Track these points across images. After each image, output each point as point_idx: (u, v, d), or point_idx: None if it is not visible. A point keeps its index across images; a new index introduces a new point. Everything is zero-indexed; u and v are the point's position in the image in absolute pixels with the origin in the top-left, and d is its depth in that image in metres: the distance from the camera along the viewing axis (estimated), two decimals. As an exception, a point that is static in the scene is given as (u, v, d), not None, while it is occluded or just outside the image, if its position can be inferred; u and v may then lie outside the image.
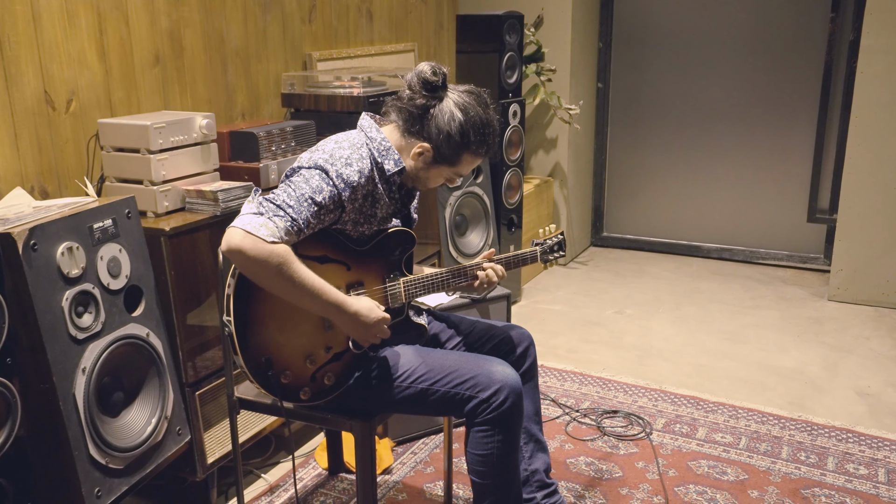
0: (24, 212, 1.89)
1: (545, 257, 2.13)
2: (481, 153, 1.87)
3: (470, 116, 1.82)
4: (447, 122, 1.80)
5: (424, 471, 2.54)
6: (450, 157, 1.84)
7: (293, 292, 1.69)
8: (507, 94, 3.79)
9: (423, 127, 1.82)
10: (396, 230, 1.90)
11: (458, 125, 1.80)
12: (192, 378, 2.23)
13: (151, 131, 2.16)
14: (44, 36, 2.21)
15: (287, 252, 1.64)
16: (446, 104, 1.82)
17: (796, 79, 4.43)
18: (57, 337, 1.80)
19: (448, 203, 3.48)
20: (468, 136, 1.81)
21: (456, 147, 1.82)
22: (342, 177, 1.74)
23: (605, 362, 3.37)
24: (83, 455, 1.84)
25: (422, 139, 1.83)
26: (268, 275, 1.64)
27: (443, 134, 1.81)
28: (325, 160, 1.75)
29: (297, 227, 1.67)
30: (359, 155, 1.79)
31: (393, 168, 1.84)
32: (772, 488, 2.42)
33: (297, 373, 1.81)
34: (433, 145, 1.82)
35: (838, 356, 3.42)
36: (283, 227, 1.65)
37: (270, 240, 1.62)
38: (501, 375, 1.79)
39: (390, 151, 1.84)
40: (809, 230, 4.56)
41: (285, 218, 1.66)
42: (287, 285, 1.67)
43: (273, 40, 3.10)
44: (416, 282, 1.91)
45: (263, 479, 2.51)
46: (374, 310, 1.78)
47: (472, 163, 1.89)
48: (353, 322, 1.76)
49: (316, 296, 1.70)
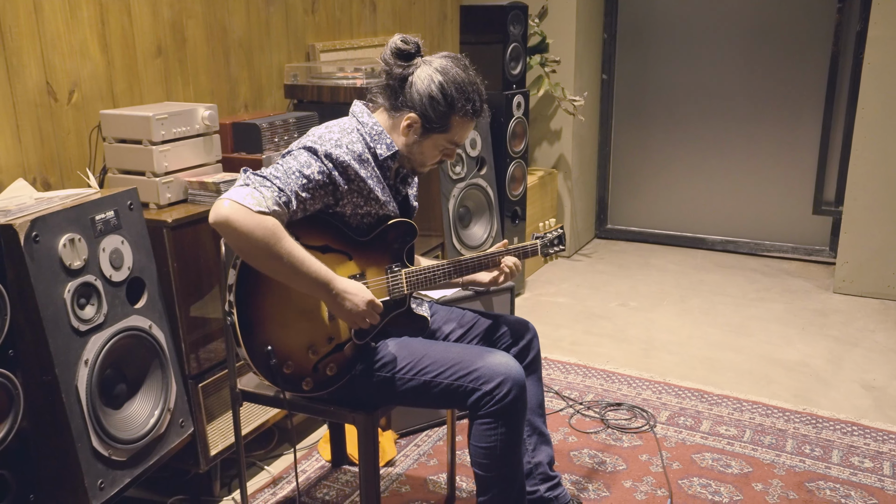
0: (26, 203, 1.88)
1: (545, 251, 2.12)
2: (469, 114, 1.83)
3: (449, 76, 1.80)
4: (427, 86, 1.79)
5: (427, 463, 2.54)
6: (438, 123, 1.81)
7: (281, 268, 1.66)
8: (511, 86, 3.77)
9: (406, 97, 1.81)
10: (398, 221, 1.89)
11: (439, 86, 1.79)
12: (194, 370, 2.23)
13: (153, 122, 2.15)
14: (46, 27, 2.20)
15: (276, 225, 1.63)
16: (424, 70, 1.81)
17: (802, 70, 4.40)
18: (59, 329, 1.80)
19: (451, 195, 3.47)
20: (451, 96, 1.79)
21: (442, 110, 1.80)
22: (331, 156, 1.73)
23: (609, 355, 3.37)
24: (86, 447, 1.84)
25: (407, 110, 1.81)
26: (255, 247, 1.62)
27: (425, 98, 1.79)
28: (313, 142, 1.75)
29: (285, 199, 1.66)
30: (349, 139, 1.79)
31: (385, 152, 1.83)
32: (776, 481, 2.41)
33: (299, 363, 1.81)
34: (419, 113, 1.81)
35: (843, 349, 3.41)
36: (270, 197, 1.63)
37: (257, 209, 1.61)
38: (505, 368, 1.79)
39: (382, 136, 1.84)
40: (815, 222, 4.54)
41: (272, 188, 1.65)
42: (273, 259, 1.64)
43: (276, 31, 3.09)
44: (419, 273, 1.91)
45: (266, 471, 2.51)
46: (363, 292, 1.76)
47: (462, 126, 1.85)
48: (340, 303, 1.74)
49: (303, 272, 1.67)
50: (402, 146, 1.86)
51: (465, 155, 3.53)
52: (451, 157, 1.92)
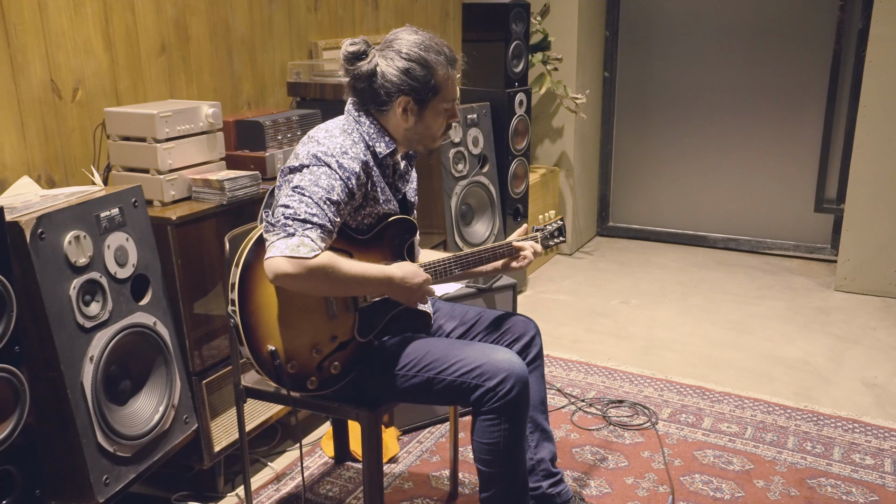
0: (32, 200, 1.89)
1: (546, 243, 2.13)
2: (445, 64, 1.82)
3: (408, 44, 1.80)
4: (395, 64, 1.79)
5: (430, 459, 2.55)
6: (427, 88, 1.81)
7: (344, 289, 1.76)
8: (513, 84, 3.78)
9: (384, 88, 1.80)
10: (397, 218, 1.90)
11: (406, 57, 1.79)
12: (198, 367, 2.23)
13: (157, 120, 2.16)
14: (50, 24, 2.21)
15: (329, 259, 1.67)
16: (383, 55, 1.81)
17: (804, 68, 4.40)
18: (64, 325, 1.81)
19: (454, 192, 3.47)
20: (422, 58, 1.79)
21: (422, 74, 1.79)
22: (343, 167, 1.74)
23: (611, 352, 3.37)
24: (91, 443, 1.85)
25: (393, 98, 1.81)
26: (319, 284, 1.68)
27: (402, 75, 1.79)
28: (323, 153, 1.74)
29: (327, 231, 1.69)
30: (352, 141, 1.80)
31: (385, 150, 1.85)
32: (777, 478, 2.42)
33: (303, 363, 1.82)
34: (405, 91, 1.80)
35: (845, 346, 3.41)
36: (317, 237, 1.66)
37: (313, 255, 1.64)
38: (508, 364, 1.80)
39: (381, 133, 1.86)
40: (816, 220, 4.54)
41: (314, 228, 1.67)
42: (337, 286, 1.72)
43: (278, 29, 3.09)
44: (424, 269, 1.92)
45: (270, 467, 2.52)
46: (419, 272, 1.83)
47: (448, 80, 1.84)
48: (404, 289, 1.80)
49: (364, 282, 1.75)
50: (405, 132, 1.86)
51: (468, 153, 3.54)
52: (456, 117, 1.91)
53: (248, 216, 2.28)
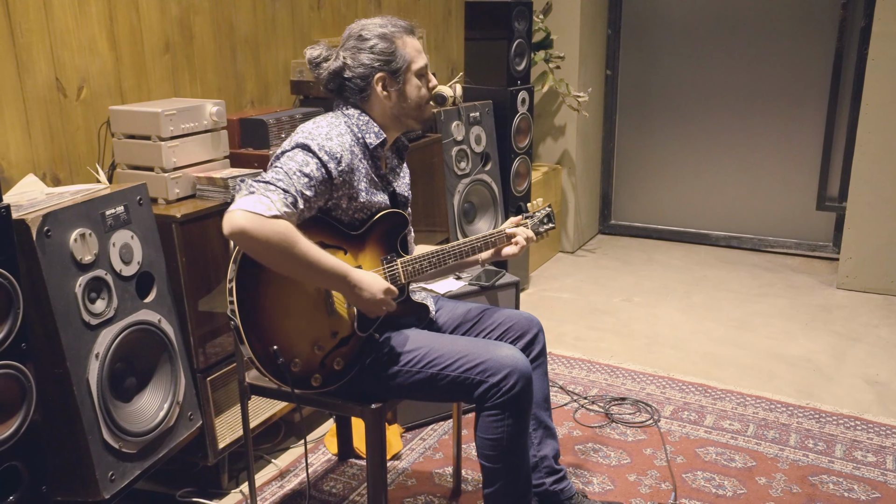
0: (37, 198, 1.90)
1: (537, 229, 2.15)
2: (403, 32, 1.89)
3: (362, 27, 1.88)
4: (359, 49, 1.85)
5: (433, 457, 2.56)
6: (395, 57, 1.86)
7: (296, 267, 1.69)
8: (515, 82, 3.78)
9: (357, 76, 1.85)
10: (388, 212, 1.92)
11: (365, 38, 1.85)
12: (203, 364, 2.24)
13: (162, 118, 2.16)
14: (55, 23, 2.22)
15: (289, 227, 1.65)
16: (344, 48, 1.88)
17: (806, 66, 4.40)
18: (70, 322, 1.82)
19: (456, 190, 3.48)
20: (380, 33, 1.86)
21: (385, 47, 1.85)
22: (324, 149, 1.76)
23: (613, 350, 3.38)
24: (97, 439, 1.86)
25: (369, 81, 1.86)
26: (272, 252, 1.64)
27: (369, 54, 1.84)
28: (304, 138, 1.78)
29: (291, 199, 1.68)
30: (338, 131, 1.82)
31: (375, 140, 1.88)
32: (779, 475, 2.43)
33: (306, 360, 1.82)
34: (377, 68, 1.85)
35: (847, 344, 3.42)
36: (278, 200, 1.65)
37: (270, 214, 1.62)
38: (511, 360, 1.80)
39: (369, 124, 1.88)
40: (818, 218, 4.54)
41: (277, 191, 1.67)
42: (291, 260, 1.67)
43: (282, 27, 3.10)
44: (414, 261, 1.93)
45: (274, 464, 2.54)
46: (379, 281, 1.79)
47: (412, 47, 1.89)
48: (358, 294, 1.77)
49: (320, 268, 1.70)
50: (391, 109, 1.89)
51: (470, 151, 3.54)
52: (434, 83, 1.96)
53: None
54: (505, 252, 2.07)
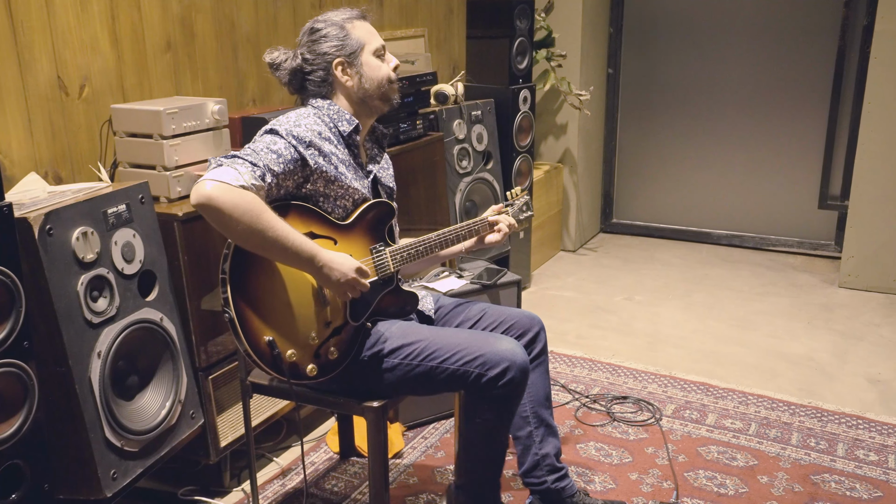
0: (39, 197, 1.90)
1: (517, 216, 2.18)
2: (354, 17, 1.93)
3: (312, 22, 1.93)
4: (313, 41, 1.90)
5: (435, 455, 2.56)
6: (349, 42, 1.89)
7: (265, 242, 1.69)
8: (517, 80, 3.78)
9: (316, 67, 1.90)
10: (374, 202, 1.94)
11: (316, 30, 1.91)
12: (204, 362, 2.24)
13: (164, 117, 2.16)
14: (57, 21, 2.21)
15: (255, 198, 1.67)
16: (299, 47, 1.93)
17: (808, 64, 4.40)
18: (72, 321, 1.82)
19: (458, 189, 3.48)
20: (330, 22, 1.91)
21: (337, 33, 1.89)
22: (292, 133, 1.79)
23: (615, 348, 3.38)
24: (99, 437, 1.86)
25: (329, 70, 1.90)
26: (239, 221, 1.64)
27: (323, 44, 1.89)
28: (272, 125, 1.82)
29: (259, 172, 1.70)
30: (307, 121, 1.85)
31: (348, 127, 1.91)
32: (781, 474, 2.43)
33: (301, 351, 1.82)
34: (333, 54, 1.89)
35: (849, 343, 3.41)
36: (246, 172, 1.67)
37: (236, 184, 1.64)
38: (510, 354, 1.82)
39: (340, 113, 1.92)
40: (820, 217, 4.54)
41: (245, 163, 1.69)
42: (259, 234, 1.67)
43: (284, 26, 3.10)
44: (402, 250, 1.95)
45: (275, 462, 2.54)
46: (349, 260, 1.80)
47: (362, 29, 1.93)
48: (326, 273, 1.77)
49: (288, 245, 1.71)
50: (357, 92, 1.92)
51: (472, 149, 3.54)
52: (391, 60, 1.98)
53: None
54: (488, 239, 2.10)
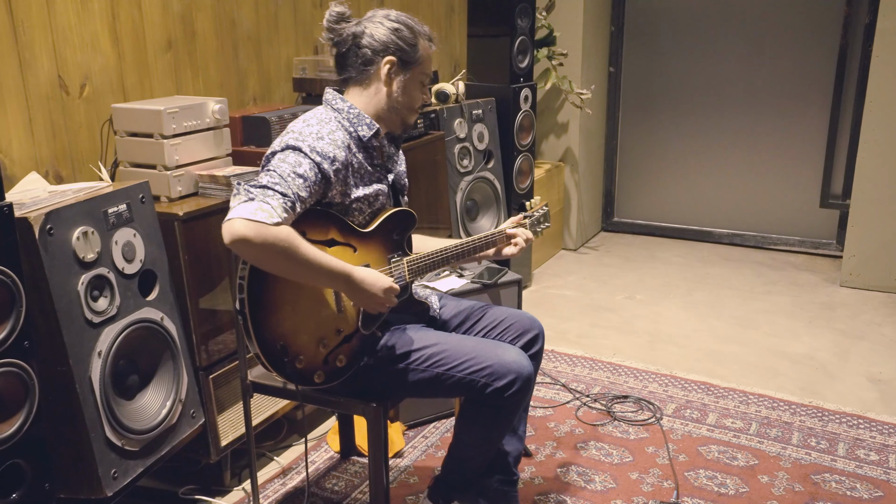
0: (40, 196, 1.90)
1: (535, 228, 2.17)
2: (428, 38, 1.90)
3: (393, 13, 1.88)
4: (386, 27, 1.84)
5: (435, 454, 2.56)
6: (411, 52, 1.86)
7: (301, 271, 1.69)
8: (518, 79, 3.77)
9: (369, 49, 1.84)
10: (397, 211, 1.92)
11: (396, 20, 1.86)
12: (205, 362, 2.24)
13: (165, 116, 2.16)
14: (57, 20, 2.21)
15: (290, 233, 1.64)
16: (370, 19, 1.87)
17: (810, 63, 4.39)
18: (73, 320, 1.82)
19: (459, 188, 3.48)
20: (409, 25, 1.87)
21: (409, 37, 1.85)
22: (316, 150, 1.74)
23: (616, 347, 3.38)
24: (99, 437, 1.86)
25: (378, 59, 1.84)
26: (275, 259, 1.64)
27: (392, 34, 1.84)
28: (294, 139, 1.75)
29: (290, 203, 1.66)
30: (329, 129, 1.80)
31: (368, 133, 1.86)
32: (782, 473, 2.43)
33: (310, 357, 1.82)
34: (391, 52, 1.84)
35: (850, 342, 3.41)
36: (278, 206, 1.63)
37: (272, 221, 1.61)
38: (517, 365, 1.82)
39: (360, 117, 1.87)
40: (822, 215, 4.53)
41: (276, 196, 1.64)
42: (294, 265, 1.66)
43: (284, 24, 3.09)
44: (419, 261, 1.94)
45: (276, 461, 2.54)
46: (381, 279, 1.79)
47: (428, 53, 1.90)
48: (361, 292, 1.77)
49: (323, 271, 1.70)
50: (387, 102, 1.88)
51: (473, 148, 3.54)
52: (428, 97, 1.96)
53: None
54: (505, 252, 2.08)
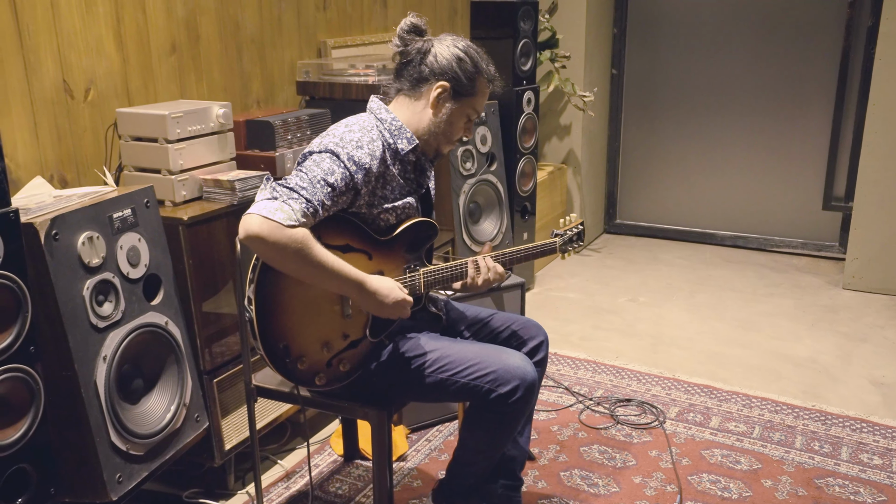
0: (45, 201, 1.91)
1: (564, 248, 2.13)
2: (490, 77, 1.89)
3: (467, 44, 1.86)
4: (453, 51, 1.84)
5: (439, 458, 2.56)
6: (468, 85, 1.84)
7: (313, 274, 1.69)
8: (521, 82, 3.77)
9: (430, 68, 1.83)
10: (419, 221, 1.90)
11: (464, 49, 1.85)
12: (209, 365, 2.25)
13: (169, 121, 2.17)
14: (62, 24, 2.22)
15: (305, 236, 1.64)
16: (442, 41, 1.86)
17: (813, 65, 4.39)
18: (78, 325, 1.82)
19: (462, 191, 3.48)
20: (475, 58, 1.85)
21: (470, 70, 1.84)
22: (353, 159, 1.74)
23: (619, 350, 3.38)
24: (104, 441, 1.87)
25: (434, 80, 1.84)
26: (287, 259, 1.64)
27: (454, 62, 1.83)
28: (335, 144, 1.75)
29: (312, 209, 1.66)
30: (369, 137, 1.79)
31: (406, 147, 1.85)
32: (785, 478, 2.43)
33: (313, 359, 1.83)
34: (448, 78, 1.83)
35: (853, 345, 3.41)
36: (298, 210, 1.64)
37: (288, 223, 1.61)
38: (521, 371, 1.82)
39: (402, 130, 1.85)
40: (824, 218, 4.53)
41: (300, 200, 1.65)
42: (307, 268, 1.67)
43: (288, 27, 3.10)
44: (435, 272, 1.92)
45: (280, 465, 2.54)
46: (395, 290, 1.78)
47: (483, 92, 1.89)
48: (373, 301, 1.77)
49: (336, 276, 1.71)
50: (429, 124, 1.86)
51: (476, 151, 3.54)
52: (470, 133, 1.95)
53: (258, 216, 2.28)
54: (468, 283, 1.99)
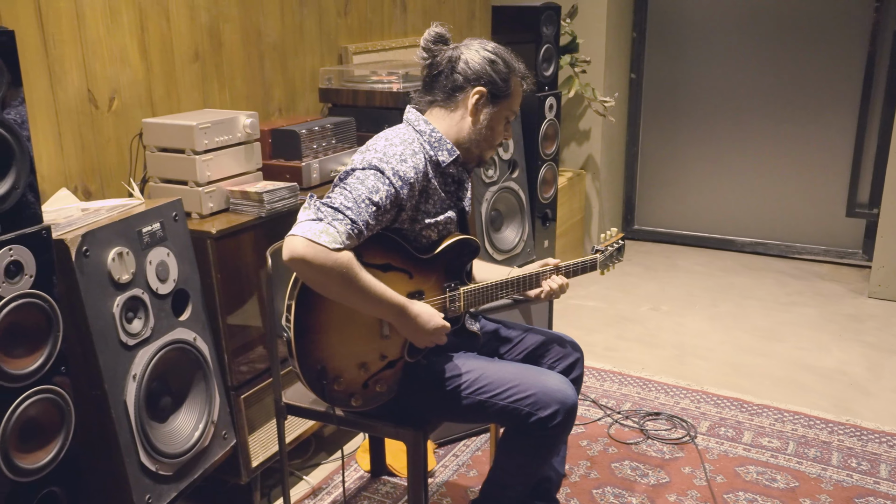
0: (74, 216, 1.86)
1: (605, 263, 2.09)
2: (522, 76, 1.85)
3: (495, 45, 1.83)
4: (483, 55, 1.80)
5: (467, 474, 2.51)
6: (504, 87, 1.81)
7: (354, 298, 1.65)
8: (543, 88, 3.72)
9: (463, 76, 1.79)
10: (461, 239, 1.85)
11: (493, 51, 1.81)
12: (236, 381, 2.20)
13: (197, 132, 2.12)
14: (87, 34, 2.17)
15: (350, 260, 1.59)
16: (469, 46, 1.83)
17: (836, 69, 4.33)
18: (108, 343, 1.78)
19: (484, 198, 3.43)
20: (506, 59, 1.82)
21: (504, 71, 1.81)
22: (398, 174, 1.68)
23: (643, 361, 3.33)
24: (134, 462, 1.82)
25: (469, 87, 1.80)
26: (331, 283, 1.60)
27: (487, 66, 1.79)
28: (378, 159, 1.69)
29: (357, 230, 1.62)
30: (412, 150, 1.74)
31: (448, 158, 1.81)
32: (824, 496, 2.37)
33: (349, 380, 1.78)
34: (484, 83, 1.79)
35: (881, 356, 3.35)
36: (344, 232, 1.59)
37: (333, 247, 1.56)
38: (562, 395, 1.77)
39: (442, 142, 1.81)
40: (848, 224, 4.47)
41: (345, 221, 1.60)
42: (349, 292, 1.63)
43: (309, 34, 3.05)
44: (476, 291, 1.88)
45: (305, 481, 2.49)
46: (435, 317, 1.75)
47: (518, 92, 1.86)
48: (412, 327, 1.73)
49: (378, 301, 1.67)
50: (469, 132, 1.82)
51: (498, 158, 3.49)
52: (510, 135, 1.91)
53: (285, 228, 2.20)
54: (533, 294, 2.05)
